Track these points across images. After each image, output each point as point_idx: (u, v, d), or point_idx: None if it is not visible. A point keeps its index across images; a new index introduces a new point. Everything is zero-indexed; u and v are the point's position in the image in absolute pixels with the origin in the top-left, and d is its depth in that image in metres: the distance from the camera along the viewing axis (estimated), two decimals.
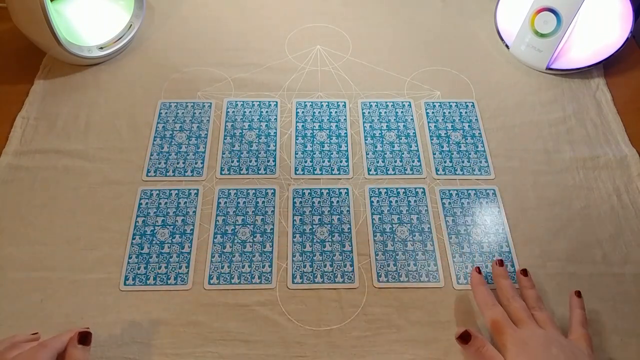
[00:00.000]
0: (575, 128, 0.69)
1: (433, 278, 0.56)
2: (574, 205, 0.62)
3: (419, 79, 0.74)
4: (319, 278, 0.56)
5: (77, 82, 0.72)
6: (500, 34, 0.77)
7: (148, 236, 0.58)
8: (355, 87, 0.73)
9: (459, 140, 0.68)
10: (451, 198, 0.62)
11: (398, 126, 0.69)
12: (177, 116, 0.69)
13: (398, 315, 0.54)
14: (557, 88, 0.74)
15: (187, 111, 0.69)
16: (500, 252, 0.58)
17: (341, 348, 0.51)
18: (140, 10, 0.76)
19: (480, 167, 0.65)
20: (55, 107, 0.69)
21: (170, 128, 0.68)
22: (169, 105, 0.70)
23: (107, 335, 0.51)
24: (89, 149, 0.65)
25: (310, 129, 0.68)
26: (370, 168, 0.65)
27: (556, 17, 0.69)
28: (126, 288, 0.55)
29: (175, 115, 0.69)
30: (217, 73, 0.74)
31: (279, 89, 0.72)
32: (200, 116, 0.69)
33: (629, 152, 0.66)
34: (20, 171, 0.63)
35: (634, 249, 0.58)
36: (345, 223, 0.60)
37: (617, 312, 0.54)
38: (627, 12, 0.69)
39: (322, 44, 0.78)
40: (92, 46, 0.71)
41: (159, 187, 0.62)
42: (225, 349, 0.51)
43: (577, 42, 0.74)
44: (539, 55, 0.73)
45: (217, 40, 0.78)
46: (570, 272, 0.57)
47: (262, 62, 0.75)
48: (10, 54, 0.76)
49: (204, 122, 0.68)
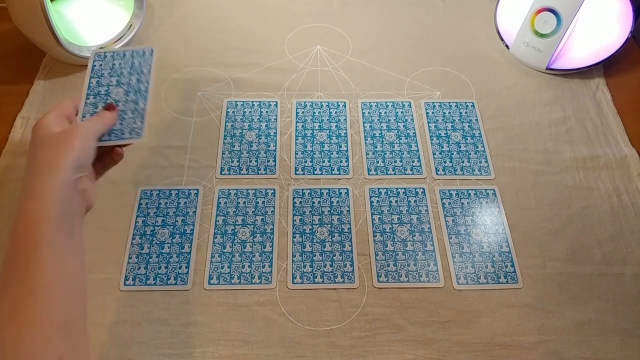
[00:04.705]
0: (575, 128, 0.69)
1: (433, 278, 0.56)
2: (574, 205, 0.62)
3: (419, 79, 0.74)
4: (319, 278, 0.56)
5: (77, 82, 0.72)
6: (500, 34, 0.77)
7: (148, 236, 0.58)
8: (355, 87, 0.73)
9: (459, 140, 0.68)
10: (451, 198, 0.62)
11: (398, 126, 0.69)
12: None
13: (398, 315, 0.54)
14: (557, 88, 0.74)
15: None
16: (500, 252, 0.58)
17: (341, 348, 0.51)
18: (140, 10, 0.76)
19: (480, 167, 0.65)
20: None
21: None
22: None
23: (107, 335, 0.51)
24: None
25: (310, 129, 0.68)
26: (370, 168, 0.65)
27: (556, 17, 0.69)
28: (126, 288, 0.55)
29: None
30: (217, 73, 0.74)
31: (279, 89, 0.72)
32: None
33: (629, 152, 0.66)
34: (20, 171, 0.63)
35: (634, 249, 0.58)
36: (345, 223, 0.60)
37: (617, 312, 0.54)
38: (627, 12, 0.69)
39: (322, 44, 0.78)
40: (92, 46, 0.71)
41: (159, 188, 0.62)
42: (225, 349, 0.51)
43: (577, 42, 0.74)
44: (539, 55, 0.73)
45: (217, 40, 0.78)
46: (570, 272, 0.57)
47: (262, 62, 0.75)
48: (10, 54, 0.76)
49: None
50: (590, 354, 0.51)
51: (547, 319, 0.54)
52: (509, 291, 0.56)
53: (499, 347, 0.52)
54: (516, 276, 0.56)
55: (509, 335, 0.53)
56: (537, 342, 0.52)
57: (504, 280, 0.56)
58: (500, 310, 0.54)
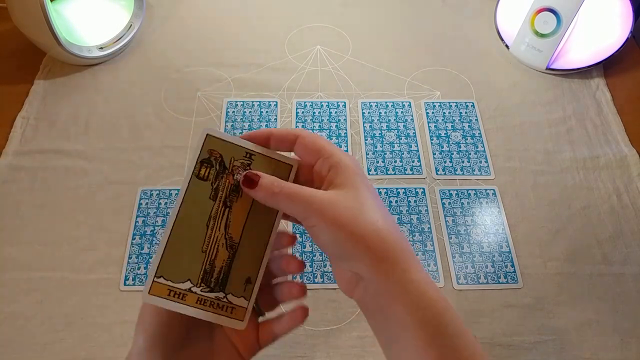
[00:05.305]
0: (575, 128, 0.69)
1: (433, 278, 0.56)
2: (574, 206, 0.62)
3: (419, 79, 0.74)
4: (319, 278, 0.56)
5: (77, 82, 0.72)
6: (500, 34, 0.77)
7: (148, 236, 0.58)
8: (355, 87, 0.73)
9: (459, 140, 0.68)
10: (451, 198, 0.62)
11: (398, 126, 0.69)
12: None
13: None
14: (557, 88, 0.74)
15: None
16: (500, 252, 0.58)
17: (341, 348, 0.51)
18: (140, 10, 0.76)
19: (480, 167, 0.65)
20: (55, 107, 0.69)
21: None
22: None
23: (107, 335, 0.51)
24: (89, 149, 0.65)
25: (310, 129, 0.68)
26: (370, 168, 0.65)
27: (556, 17, 0.69)
28: (126, 288, 0.55)
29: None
30: (217, 73, 0.74)
31: (279, 89, 0.72)
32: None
33: (629, 152, 0.66)
34: (20, 171, 0.63)
35: (634, 249, 0.58)
36: None
37: (617, 312, 0.54)
38: (627, 12, 0.69)
39: (322, 44, 0.78)
40: (92, 46, 0.71)
41: (158, 188, 0.62)
42: None
43: (577, 42, 0.74)
44: (539, 55, 0.73)
45: (217, 41, 0.78)
46: (570, 272, 0.57)
47: (262, 62, 0.75)
48: (10, 54, 0.76)
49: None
50: (590, 354, 0.51)
51: (547, 319, 0.54)
52: (509, 291, 0.56)
53: (499, 347, 0.52)
54: (516, 276, 0.56)
55: (509, 335, 0.53)
56: (537, 342, 0.52)
57: (504, 280, 0.56)
58: (500, 310, 0.54)
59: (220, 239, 0.33)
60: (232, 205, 0.33)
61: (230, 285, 0.33)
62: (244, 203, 0.33)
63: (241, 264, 0.33)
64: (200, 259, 0.32)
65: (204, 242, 0.33)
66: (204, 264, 0.32)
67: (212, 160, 0.33)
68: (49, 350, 0.51)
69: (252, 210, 0.34)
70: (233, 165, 0.33)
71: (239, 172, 0.33)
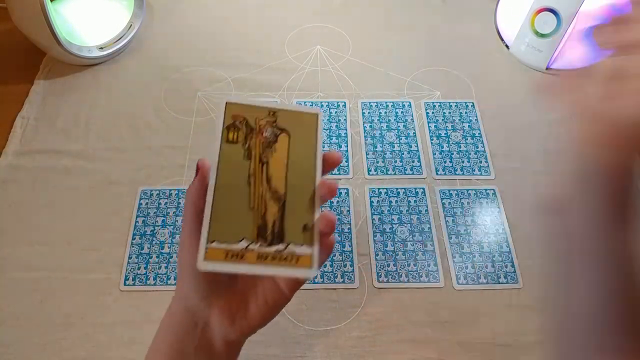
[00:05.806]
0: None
1: (433, 278, 0.56)
2: None
3: (419, 79, 0.74)
4: (320, 278, 0.56)
5: (77, 82, 0.72)
6: (500, 34, 0.77)
7: (148, 236, 0.58)
8: (355, 87, 0.73)
9: (459, 140, 0.68)
10: (451, 198, 0.62)
11: (398, 126, 0.69)
12: None
13: (398, 315, 0.53)
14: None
15: None
16: (500, 252, 0.58)
17: (341, 348, 0.51)
18: (140, 10, 0.76)
19: (480, 168, 0.65)
20: (55, 107, 0.69)
21: None
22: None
23: (107, 335, 0.51)
24: (89, 149, 0.65)
25: None
26: (370, 168, 0.65)
27: (556, 17, 0.69)
28: (126, 288, 0.55)
29: None
30: (217, 73, 0.74)
31: (279, 89, 0.72)
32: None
33: None
34: (20, 171, 0.63)
35: None
36: (345, 223, 0.60)
37: None
38: None
39: (322, 44, 0.78)
40: (92, 46, 0.71)
41: (158, 188, 0.62)
42: None
43: (577, 42, 0.74)
44: (539, 55, 0.73)
45: (217, 40, 0.78)
46: None
47: (262, 62, 0.75)
48: (10, 54, 0.76)
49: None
50: None
51: None
52: (509, 291, 0.56)
53: (499, 347, 0.52)
54: (516, 276, 0.56)
55: (509, 335, 0.53)
56: (537, 342, 0.52)
57: (504, 281, 0.56)
58: (500, 310, 0.54)
59: (265, 193, 0.33)
60: (269, 161, 0.33)
61: (288, 235, 0.32)
62: (279, 157, 0.34)
63: (293, 213, 0.33)
64: (251, 216, 0.32)
65: (249, 200, 0.32)
66: (255, 220, 0.32)
67: (238, 124, 0.34)
68: (49, 350, 0.51)
69: (289, 161, 0.34)
70: (259, 125, 0.34)
71: (267, 130, 0.34)
